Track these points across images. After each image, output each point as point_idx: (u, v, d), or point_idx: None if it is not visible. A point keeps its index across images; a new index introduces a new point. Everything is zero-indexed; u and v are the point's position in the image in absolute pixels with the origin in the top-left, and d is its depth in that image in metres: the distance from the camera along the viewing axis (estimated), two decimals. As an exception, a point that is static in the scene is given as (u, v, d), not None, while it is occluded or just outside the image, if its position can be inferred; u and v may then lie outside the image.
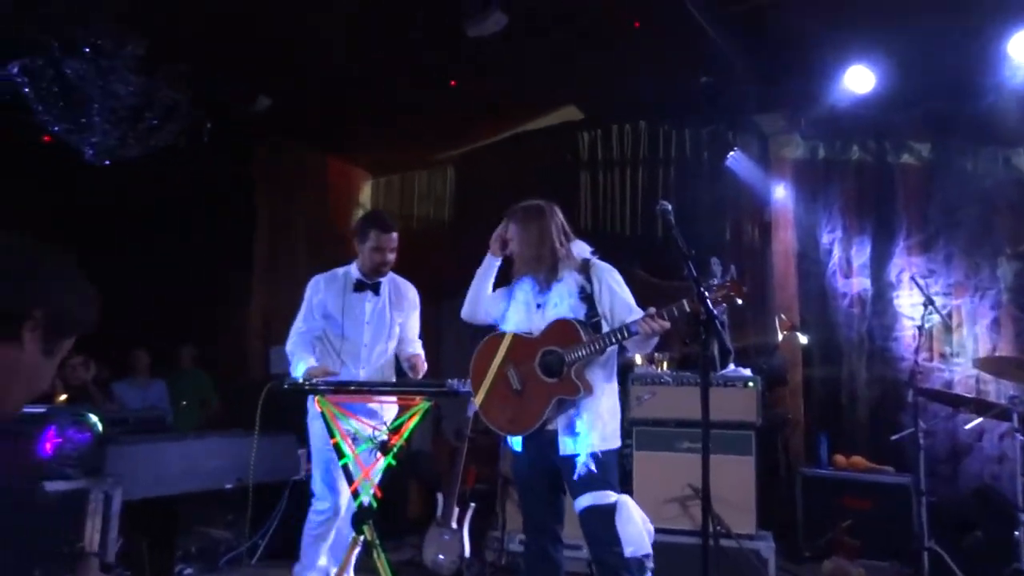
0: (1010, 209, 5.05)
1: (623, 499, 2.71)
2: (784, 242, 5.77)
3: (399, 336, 3.63)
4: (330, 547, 3.52)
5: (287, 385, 3.14)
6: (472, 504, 4.31)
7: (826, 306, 5.56)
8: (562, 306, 2.81)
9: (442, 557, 4.13)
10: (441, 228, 7.44)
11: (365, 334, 3.53)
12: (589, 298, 2.81)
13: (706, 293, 2.50)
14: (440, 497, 4.31)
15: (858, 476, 4.67)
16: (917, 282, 4.62)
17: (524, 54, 5.20)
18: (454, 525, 4.19)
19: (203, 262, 6.60)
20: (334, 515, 3.46)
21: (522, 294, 2.92)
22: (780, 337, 5.33)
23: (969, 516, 4.31)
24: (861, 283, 5.47)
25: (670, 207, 2.68)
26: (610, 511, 2.68)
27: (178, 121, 4.54)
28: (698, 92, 5.58)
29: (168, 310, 6.40)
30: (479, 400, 2.89)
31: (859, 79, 5.05)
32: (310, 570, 3.49)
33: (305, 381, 3.16)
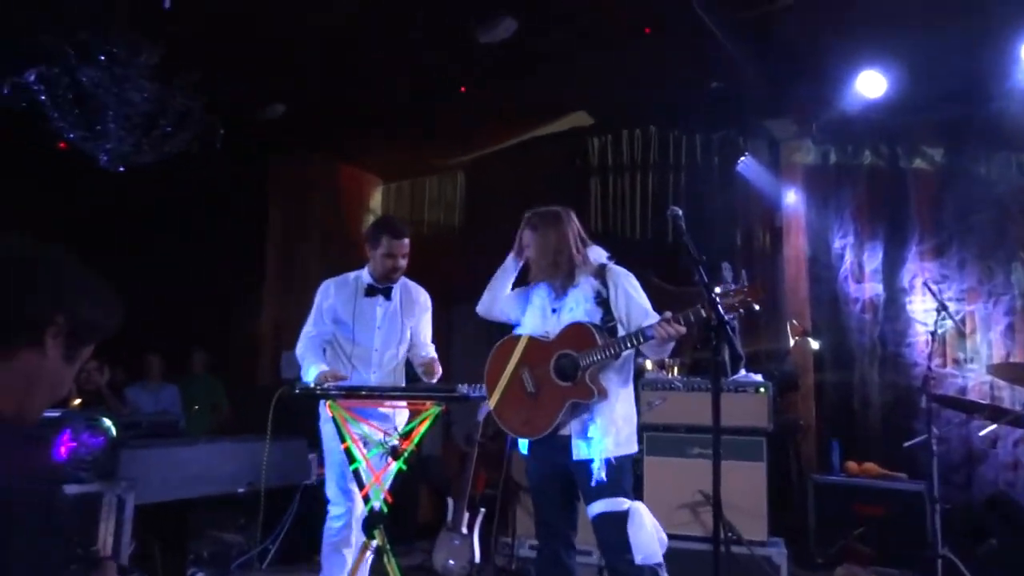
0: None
1: (636, 506, 2.70)
2: (795, 247, 5.75)
3: (411, 340, 3.65)
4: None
5: (298, 390, 3.15)
6: (482, 509, 4.31)
7: (838, 311, 5.53)
8: (578, 311, 2.80)
9: (452, 562, 4.13)
10: (451, 233, 7.46)
11: (376, 339, 3.54)
12: (605, 303, 2.80)
13: (718, 299, 2.48)
14: (450, 502, 4.32)
15: (871, 483, 4.64)
16: (930, 287, 4.58)
17: (534, 60, 5.22)
18: (464, 530, 4.20)
19: (215, 267, 6.65)
20: (351, 521, 3.46)
21: (538, 299, 2.93)
22: (792, 343, 5.30)
23: (983, 523, 4.27)
24: (873, 288, 5.45)
25: (681, 213, 2.67)
26: (623, 518, 2.66)
27: (191, 128, 4.57)
28: (709, 97, 5.58)
29: (180, 315, 6.45)
30: (493, 402, 2.89)
31: (871, 84, 5.03)
32: None
33: (316, 386, 3.18)
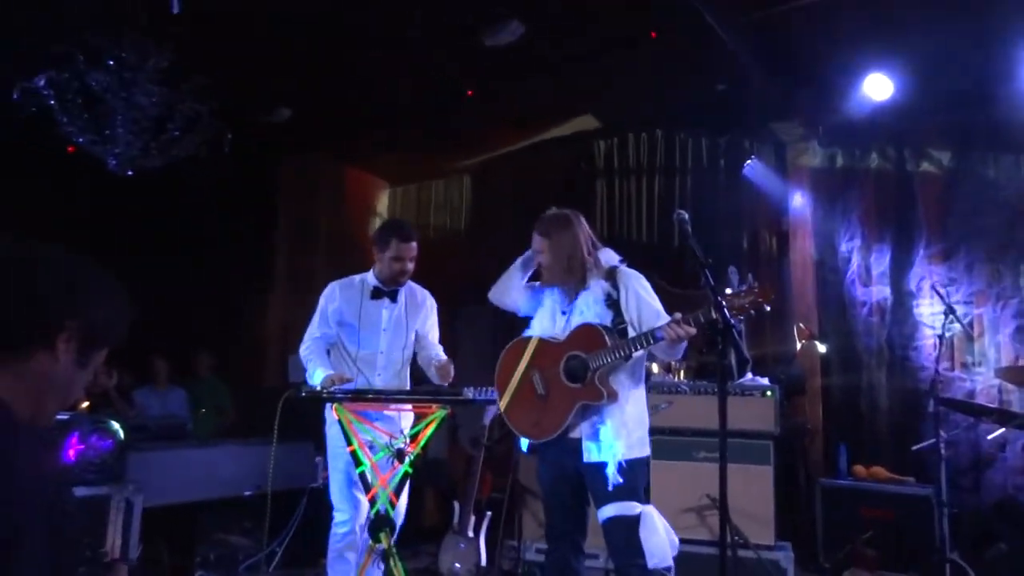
0: (1032, 216, 5.00)
1: (648, 510, 2.68)
2: (802, 251, 5.73)
3: (422, 343, 3.64)
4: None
5: (304, 393, 3.16)
6: (488, 512, 4.31)
7: (845, 315, 5.51)
8: (588, 313, 2.79)
9: (458, 565, 4.13)
10: (457, 237, 7.47)
11: (382, 341, 3.54)
12: (615, 304, 2.79)
13: (723, 301, 2.48)
14: (456, 505, 4.32)
15: (878, 487, 4.62)
16: (938, 291, 4.57)
17: (540, 63, 5.23)
18: (470, 533, 4.20)
19: (222, 271, 6.67)
20: (355, 528, 3.46)
21: (549, 300, 2.93)
22: (798, 346, 5.29)
23: (992, 528, 4.25)
24: (881, 291, 5.43)
25: (687, 216, 2.67)
26: (634, 522, 2.65)
27: (200, 132, 4.59)
28: (715, 100, 5.58)
29: (187, 318, 6.47)
30: (504, 404, 2.89)
31: (878, 87, 5.02)
32: None
33: (322, 389, 3.18)
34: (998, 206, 5.08)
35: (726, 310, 2.46)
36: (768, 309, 2.51)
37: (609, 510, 2.67)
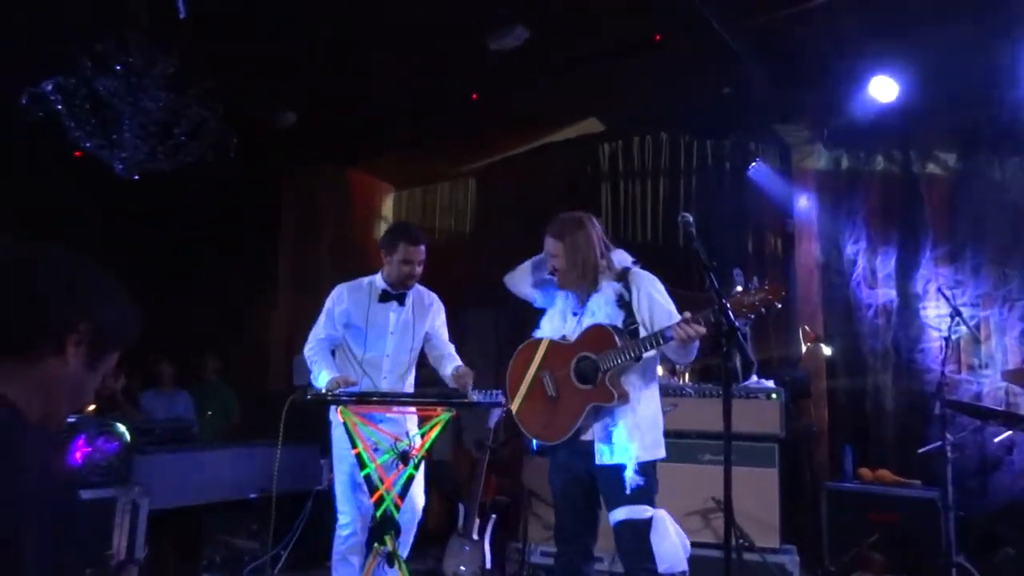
0: (1039, 218, 4.98)
1: (659, 514, 2.67)
2: (807, 253, 5.72)
3: (433, 343, 3.64)
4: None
5: (309, 396, 3.17)
6: (493, 515, 4.31)
7: (850, 317, 5.49)
8: (599, 315, 2.78)
9: (463, 568, 4.13)
10: (462, 240, 7.48)
11: (388, 344, 3.54)
12: (627, 305, 2.77)
13: (731, 302, 2.46)
14: (461, 508, 4.32)
15: (884, 490, 4.59)
16: (944, 293, 4.56)
17: (545, 67, 5.23)
18: (475, 536, 4.20)
19: (228, 274, 6.69)
20: (358, 531, 3.47)
21: (561, 302, 2.92)
22: (804, 349, 5.28)
23: (999, 531, 4.23)
24: (886, 294, 5.41)
25: (692, 219, 2.67)
26: (645, 526, 2.63)
27: (206, 137, 4.61)
28: (720, 103, 5.58)
29: (193, 321, 6.49)
30: (515, 406, 2.88)
31: (883, 89, 5.00)
32: None
33: (328, 392, 3.19)
34: (1004, 208, 5.06)
35: (741, 309, 2.45)
36: (779, 307, 2.49)
37: (620, 513, 2.65)
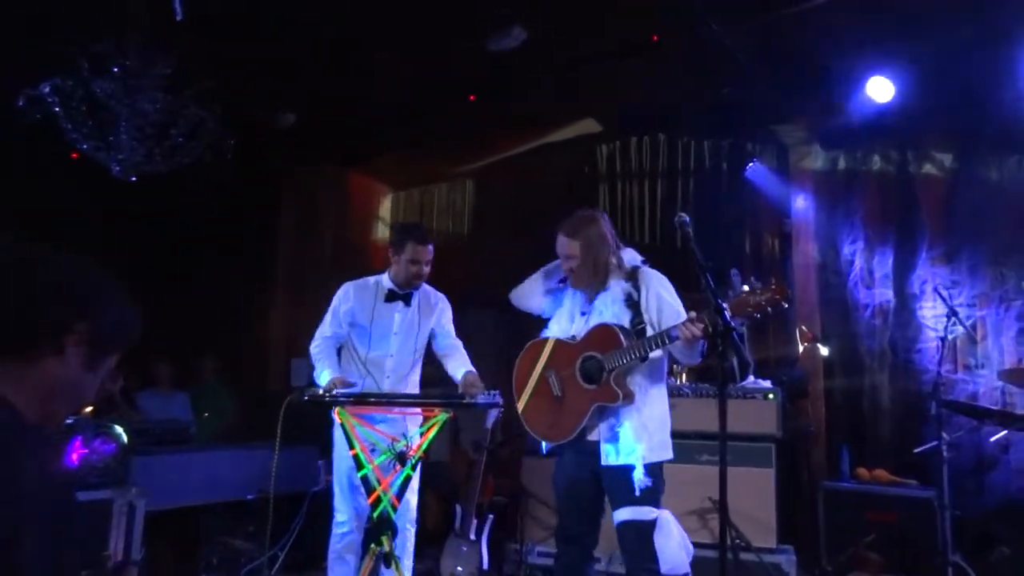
0: (1035, 219, 4.99)
1: (664, 515, 2.66)
2: (805, 253, 5.73)
3: (440, 342, 3.63)
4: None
5: (307, 397, 3.17)
6: (490, 515, 4.31)
7: (848, 317, 5.50)
8: (607, 314, 2.77)
9: (460, 569, 4.14)
10: (460, 240, 7.48)
11: (392, 344, 3.53)
12: (635, 305, 2.76)
13: (731, 303, 2.46)
14: (458, 508, 4.33)
15: (881, 489, 4.60)
16: (940, 293, 4.57)
17: (543, 68, 5.24)
18: (472, 536, 4.20)
19: (226, 275, 6.69)
20: (354, 530, 3.47)
21: (569, 301, 2.91)
22: (801, 349, 5.28)
23: (995, 531, 4.24)
24: (883, 294, 5.42)
25: (688, 219, 2.66)
26: (649, 527, 2.63)
27: (204, 138, 4.61)
28: (717, 103, 5.58)
29: (191, 322, 6.49)
30: (521, 406, 2.87)
31: (880, 89, 5.01)
32: None
33: (325, 393, 3.19)
34: (1000, 208, 5.07)
35: (746, 309, 2.45)
36: (786, 307, 2.48)
37: (624, 513, 2.65)
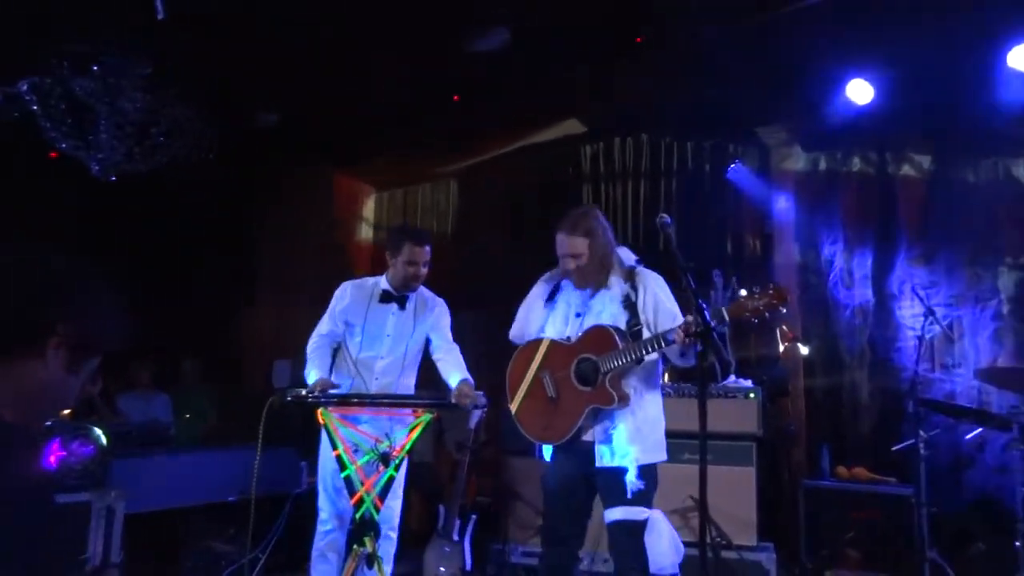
0: (1011, 220, 5.06)
1: (655, 516, 2.68)
2: (785, 254, 5.77)
3: (437, 348, 3.57)
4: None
5: (289, 398, 3.16)
6: (473, 516, 4.32)
7: (828, 317, 5.56)
8: (604, 314, 2.75)
9: (443, 569, 4.14)
10: (444, 241, 7.47)
11: (383, 346, 3.50)
12: (633, 306, 2.74)
13: (704, 305, 2.46)
14: (442, 509, 4.33)
15: (860, 487, 4.65)
16: (918, 293, 4.62)
17: (526, 68, 5.25)
18: (455, 537, 4.20)
19: (207, 275, 6.65)
20: (336, 529, 3.46)
21: (563, 303, 2.87)
22: (782, 348, 5.33)
23: (971, 527, 4.30)
24: (863, 294, 5.48)
25: (670, 220, 2.65)
26: (640, 527, 2.63)
27: (184, 137, 4.58)
28: (700, 105, 5.62)
29: (171, 323, 6.44)
30: (515, 406, 2.85)
31: (859, 92, 5.07)
32: None
33: (308, 394, 3.18)
34: (977, 210, 5.14)
35: (744, 312, 2.46)
36: (784, 311, 2.48)
37: (616, 513, 2.65)
